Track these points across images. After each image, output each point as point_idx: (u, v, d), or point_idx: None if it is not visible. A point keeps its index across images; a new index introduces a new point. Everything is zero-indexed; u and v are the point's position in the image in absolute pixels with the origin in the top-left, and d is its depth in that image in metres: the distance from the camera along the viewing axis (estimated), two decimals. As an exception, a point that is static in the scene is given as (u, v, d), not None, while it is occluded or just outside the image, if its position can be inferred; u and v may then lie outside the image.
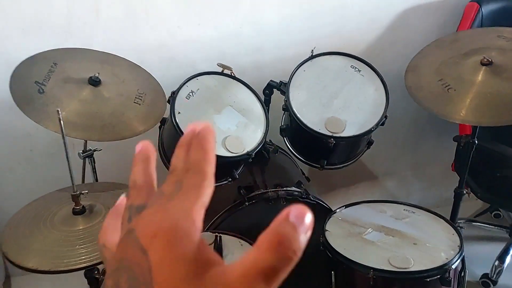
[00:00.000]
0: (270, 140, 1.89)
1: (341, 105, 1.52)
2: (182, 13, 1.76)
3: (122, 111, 1.23)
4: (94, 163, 1.45)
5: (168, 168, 1.40)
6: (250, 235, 1.42)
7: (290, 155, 1.94)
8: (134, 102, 1.26)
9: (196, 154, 0.30)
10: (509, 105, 1.16)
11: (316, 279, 1.58)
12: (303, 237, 0.26)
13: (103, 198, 1.18)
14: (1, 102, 1.69)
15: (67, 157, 1.01)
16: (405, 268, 1.25)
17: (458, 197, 1.55)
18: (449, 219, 1.75)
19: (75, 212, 1.08)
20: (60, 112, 0.92)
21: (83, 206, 1.10)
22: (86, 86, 1.22)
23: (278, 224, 0.26)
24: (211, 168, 0.29)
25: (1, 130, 1.78)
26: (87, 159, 1.44)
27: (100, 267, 1.34)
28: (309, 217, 0.27)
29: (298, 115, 1.49)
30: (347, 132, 1.47)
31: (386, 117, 1.50)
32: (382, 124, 1.51)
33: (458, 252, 1.30)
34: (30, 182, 1.89)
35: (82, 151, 1.40)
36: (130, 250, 0.27)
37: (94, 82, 1.22)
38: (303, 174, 1.96)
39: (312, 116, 1.50)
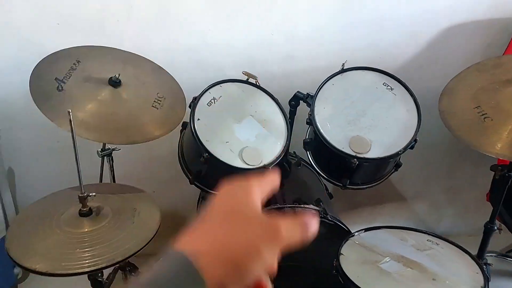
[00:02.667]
0: (294, 152, 1.84)
1: (368, 124, 1.44)
2: (214, 17, 1.73)
3: (138, 114, 1.21)
4: (112, 162, 1.45)
5: (185, 172, 1.36)
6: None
7: (314, 170, 1.88)
8: (152, 106, 1.24)
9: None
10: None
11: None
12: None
13: (112, 201, 1.16)
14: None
15: (76, 158, 1.00)
16: (420, 306, 1.16)
17: (487, 232, 1.43)
18: (477, 253, 1.64)
19: (81, 214, 1.08)
20: (70, 113, 0.91)
21: (90, 208, 1.09)
22: (105, 86, 1.22)
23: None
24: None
25: (31, 118, 1.82)
26: (106, 157, 1.44)
27: (107, 271, 1.33)
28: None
29: (321, 130, 1.43)
30: (372, 154, 1.40)
31: (416, 140, 1.41)
32: (411, 148, 1.42)
33: (481, 295, 1.19)
34: (55, 173, 1.93)
35: (101, 149, 1.40)
36: None
37: (114, 83, 1.21)
38: (327, 190, 1.89)
39: (336, 133, 1.43)
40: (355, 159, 1.38)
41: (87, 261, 0.96)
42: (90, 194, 1.06)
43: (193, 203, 2.00)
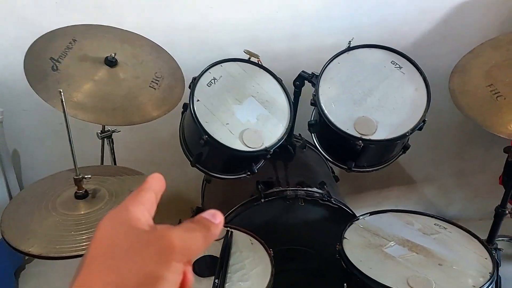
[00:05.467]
0: (299, 134, 1.80)
1: (375, 104, 1.39)
2: (216, -6, 1.68)
3: (135, 94, 1.18)
4: (113, 144, 1.43)
5: (186, 155, 1.33)
6: (262, 233, 1.35)
7: (319, 152, 1.84)
8: (150, 86, 1.21)
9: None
10: None
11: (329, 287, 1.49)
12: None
13: (109, 183, 1.15)
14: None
15: (70, 140, 0.98)
16: (425, 292, 1.13)
17: (498, 216, 1.39)
18: (486, 238, 1.59)
19: (77, 196, 1.06)
20: (62, 93, 0.88)
21: (85, 190, 1.07)
22: (102, 66, 1.18)
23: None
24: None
25: (33, 101, 1.80)
26: (106, 139, 1.41)
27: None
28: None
29: (325, 111, 1.38)
30: (378, 135, 1.35)
31: (424, 121, 1.35)
32: (420, 129, 1.37)
33: (489, 280, 1.15)
34: (58, 155, 1.92)
35: (101, 131, 1.38)
36: None
37: (110, 62, 1.18)
38: (333, 173, 1.85)
39: (341, 114, 1.38)
40: (360, 141, 1.33)
41: (83, 244, 0.94)
42: (86, 176, 1.04)
43: (197, 185, 1.98)
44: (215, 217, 0.38)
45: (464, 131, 2.09)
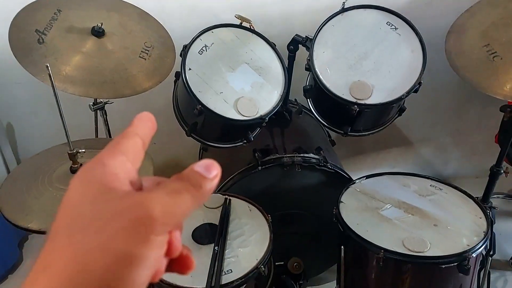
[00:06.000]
0: (295, 99, 1.78)
1: (370, 68, 1.37)
2: (206, -44, 1.61)
3: (125, 66, 1.15)
4: (106, 115, 1.41)
5: (181, 125, 1.32)
6: (260, 200, 1.36)
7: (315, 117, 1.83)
8: (140, 57, 1.18)
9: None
10: None
11: (327, 251, 1.53)
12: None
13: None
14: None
15: (61, 115, 0.96)
16: (420, 252, 1.16)
17: (493, 176, 1.39)
18: (481, 197, 1.62)
19: (73, 171, 1.06)
20: (49, 68, 0.86)
21: (81, 164, 1.07)
22: (89, 37, 1.15)
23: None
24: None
25: (25, 74, 1.77)
26: (99, 111, 1.40)
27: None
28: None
29: (320, 76, 1.36)
30: (374, 99, 1.33)
31: (420, 84, 1.34)
32: (415, 91, 1.35)
33: (483, 239, 1.18)
34: (54, 127, 1.91)
35: (93, 103, 1.36)
36: None
37: (97, 33, 1.14)
38: (329, 137, 1.85)
39: (336, 79, 1.36)
40: (356, 106, 1.32)
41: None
42: (80, 150, 1.04)
43: (195, 153, 1.98)
44: (209, 170, 0.31)
45: (460, 90, 2.07)
